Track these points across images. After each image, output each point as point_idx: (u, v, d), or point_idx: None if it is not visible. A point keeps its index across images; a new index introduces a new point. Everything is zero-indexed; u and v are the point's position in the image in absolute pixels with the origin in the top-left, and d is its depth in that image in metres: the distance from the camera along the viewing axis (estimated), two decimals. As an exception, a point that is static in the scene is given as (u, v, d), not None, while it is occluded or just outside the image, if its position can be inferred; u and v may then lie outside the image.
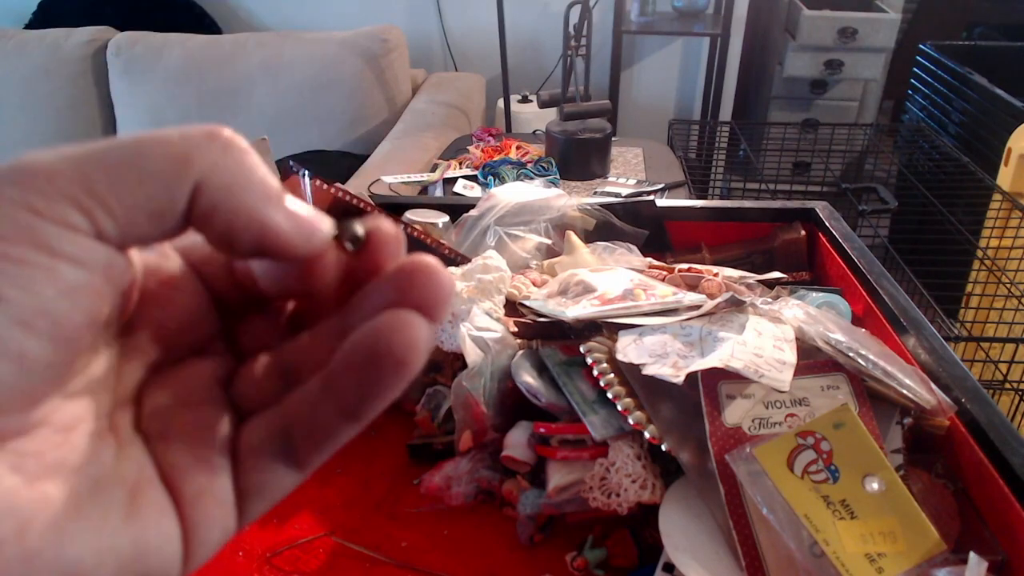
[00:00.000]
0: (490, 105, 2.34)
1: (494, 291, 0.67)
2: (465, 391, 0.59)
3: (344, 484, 0.62)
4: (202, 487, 0.18)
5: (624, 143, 1.62)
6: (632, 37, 2.38)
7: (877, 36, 2.12)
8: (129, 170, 0.16)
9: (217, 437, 0.19)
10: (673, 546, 0.48)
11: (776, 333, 0.55)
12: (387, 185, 1.42)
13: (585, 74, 1.44)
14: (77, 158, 0.16)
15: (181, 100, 2.01)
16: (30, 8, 2.36)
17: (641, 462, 0.53)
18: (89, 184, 0.15)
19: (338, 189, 0.75)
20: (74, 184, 0.15)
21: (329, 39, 2.00)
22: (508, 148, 1.52)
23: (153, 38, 2.04)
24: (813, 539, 0.45)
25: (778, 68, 2.27)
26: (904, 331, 0.64)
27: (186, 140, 0.17)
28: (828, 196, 1.63)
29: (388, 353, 0.17)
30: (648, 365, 0.53)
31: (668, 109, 2.53)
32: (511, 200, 0.82)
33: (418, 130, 1.84)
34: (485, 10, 2.18)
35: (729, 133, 2.04)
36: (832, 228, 0.81)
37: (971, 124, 1.62)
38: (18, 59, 2.05)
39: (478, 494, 0.59)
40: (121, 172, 0.16)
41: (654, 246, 0.83)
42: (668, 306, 0.60)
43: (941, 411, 0.53)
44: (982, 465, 0.51)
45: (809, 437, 0.48)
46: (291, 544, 0.56)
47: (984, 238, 1.35)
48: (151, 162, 0.16)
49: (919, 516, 0.45)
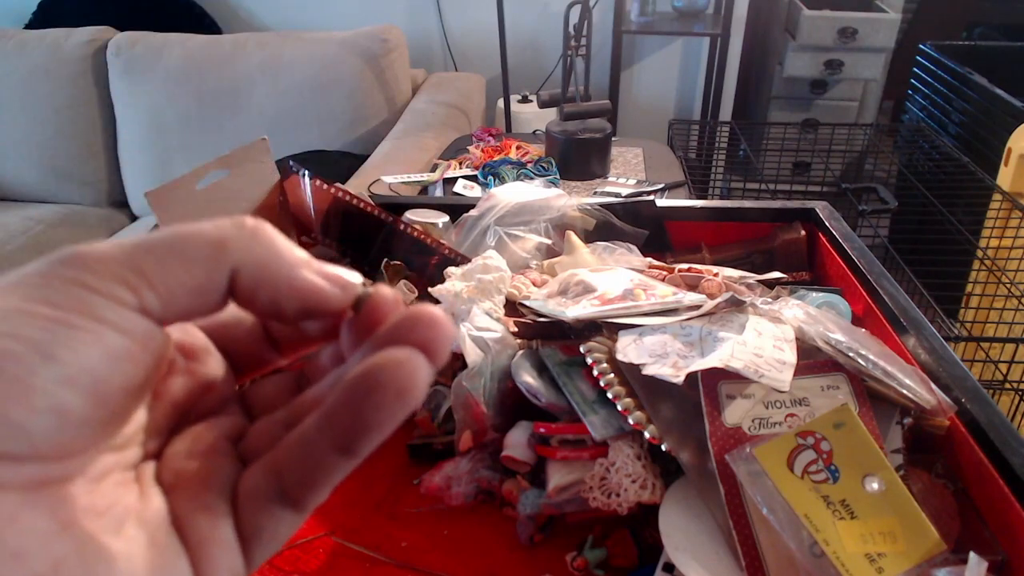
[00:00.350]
0: (490, 105, 2.34)
1: (494, 291, 0.67)
2: (465, 391, 0.59)
3: (344, 484, 0.61)
4: (205, 533, 0.19)
5: (624, 143, 1.62)
6: (632, 37, 2.38)
7: (877, 36, 2.12)
8: (172, 254, 0.18)
9: (218, 485, 0.20)
10: (673, 546, 0.48)
11: (776, 333, 0.55)
12: (387, 185, 1.42)
13: (585, 74, 1.44)
14: (127, 245, 0.18)
15: (181, 100, 2.01)
16: (30, 8, 2.36)
17: (641, 462, 0.53)
18: (136, 265, 0.18)
19: (338, 189, 0.75)
20: (123, 266, 0.18)
21: (329, 39, 2.00)
22: (508, 148, 1.52)
23: (153, 38, 2.04)
24: (813, 539, 0.45)
25: (778, 68, 2.27)
26: (904, 331, 0.64)
27: (220, 229, 0.19)
28: (828, 196, 1.63)
29: (389, 385, 0.18)
30: (648, 365, 0.53)
31: (668, 109, 2.53)
32: (511, 200, 0.82)
33: (418, 130, 1.84)
34: (485, 10, 2.18)
35: (729, 133, 2.04)
36: (832, 228, 0.81)
37: (971, 124, 1.62)
38: (18, 59, 2.05)
39: (478, 494, 0.59)
40: (165, 256, 0.18)
41: (654, 246, 0.83)
42: (668, 306, 0.60)
43: (941, 411, 0.53)
44: (982, 465, 0.51)
45: (809, 437, 0.48)
46: (291, 544, 0.56)
47: (984, 238, 1.35)
48: (191, 248, 0.19)
49: (919, 516, 0.45)
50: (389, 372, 0.18)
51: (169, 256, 0.18)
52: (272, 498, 0.20)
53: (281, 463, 0.20)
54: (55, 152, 2.08)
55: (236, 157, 0.73)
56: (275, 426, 0.22)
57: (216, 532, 0.19)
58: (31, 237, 1.93)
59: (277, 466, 0.20)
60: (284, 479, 0.19)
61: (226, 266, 0.19)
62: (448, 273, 0.70)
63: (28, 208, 2.06)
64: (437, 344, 0.19)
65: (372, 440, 0.18)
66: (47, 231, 1.97)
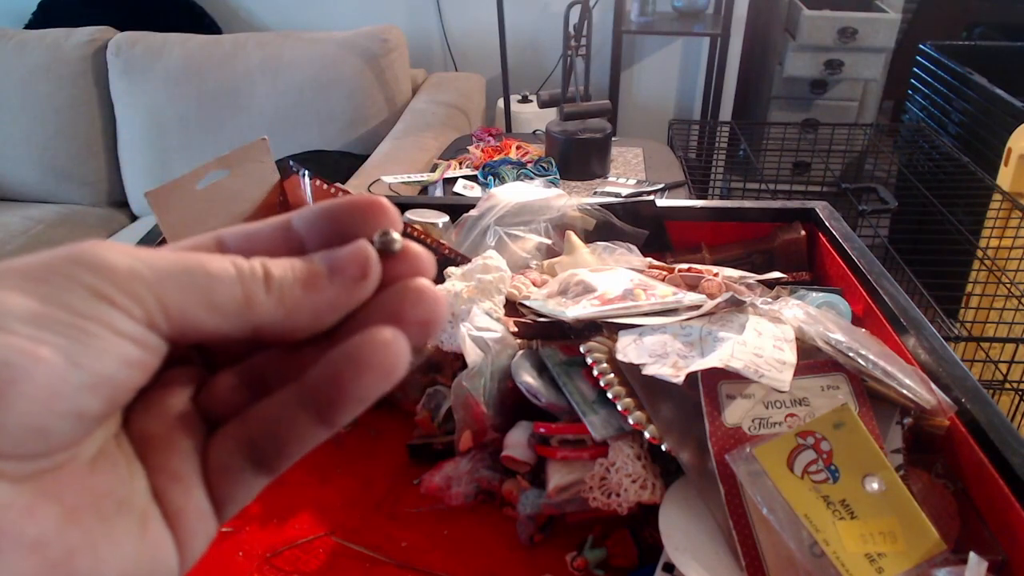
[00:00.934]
0: (490, 105, 2.34)
1: (494, 291, 0.67)
2: (465, 391, 0.59)
3: (344, 484, 0.62)
4: (180, 503, 0.19)
5: (624, 143, 1.62)
6: (632, 37, 2.38)
7: (877, 36, 2.12)
8: (196, 295, 0.19)
9: (186, 452, 0.20)
10: (673, 546, 0.48)
11: (776, 333, 0.55)
12: (387, 185, 1.41)
13: (585, 74, 1.44)
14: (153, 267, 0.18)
15: (181, 100, 2.01)
16: (30, 8, 2.36)
17: (641, 462, 0.53)
18: (158, 293, 0.18)
19: (338, 189, 0.75)
20: (146, 288, 0.18)
21: (329, 39, 2.00)
22: (508, 148, 1.52)
23: (153, 38, 2.04)
24: (813, 539, 0.45)
25: (778, 68, 2.27)
26: (904, 331, 0.64)
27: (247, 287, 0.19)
28: (828, 196, 1.63)
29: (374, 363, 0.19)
30: (648, 365, 0.53)
31: (668, 109, 2.53)
32: (511, 200, 0.82)
33: (418, 130, 1.84)
34: (485, 10, 2.18)
35: (729, 133, 2.04)
36: (832, 228, 0.81)
37: (971, 124, 1.62)
38: (18, 59, 2.05)
39: (478, 494, 0.59)
40: (188, 295, 0.18)
41: (654, 246, 0.83)
42: (668, 306, 0.60)
43: (941, 411, 0.53)
44: (982, 465, 0.51)
45: (809, 437, 0.48)
46: (291, 544, 0.56)
47: (984, 238, 1.35)
48: (218, 296, 0.19)
49: (919, 516, 0.45)
50: (376, 350, 0.19)
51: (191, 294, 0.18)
52: (245, 466, 0.20)
53: (256, 432, 0.20)
54: (55, 152, 2.08)
55: (236, 157, 0.73)
56: (240, 380, 0.21)
57: (191, 502, 0.19)
58: (31, 237, 1.93)
59: (250, 435, 0.20)
60: (258, 448, 0.20)
61: (249, 325, 0.19)
62: (448, 273, 0.70)
63: (28, 208, 2.06)
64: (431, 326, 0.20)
65: (353, 412, 0.19)
66: (47, 231, 1.97)
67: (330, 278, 0.20)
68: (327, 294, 0.20)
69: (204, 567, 0.55)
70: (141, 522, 0.18)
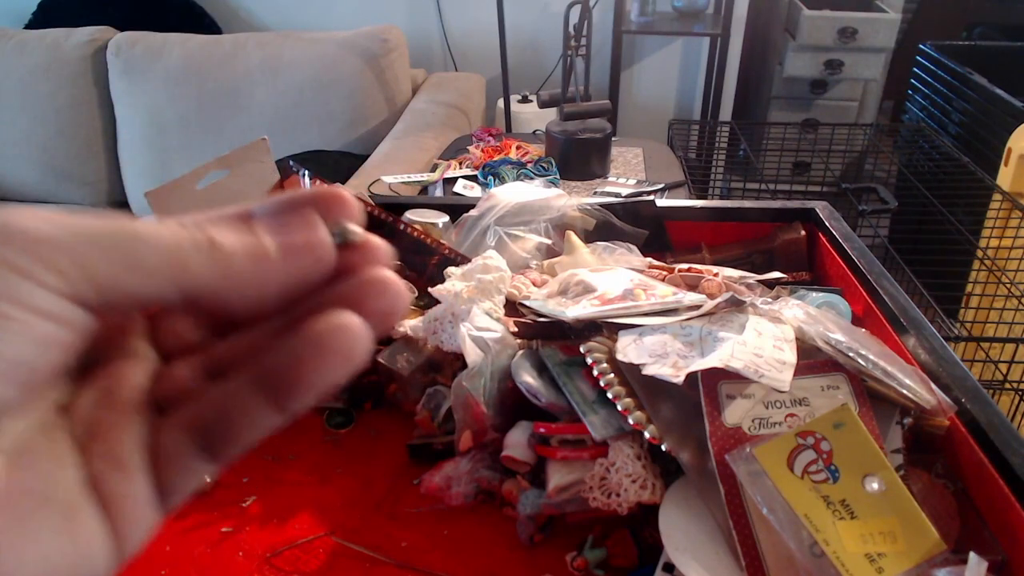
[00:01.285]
0: (490, 105, 2.34)
1: (494, 291, 0.67)
2: (465, 391, 0.59)
3: (344, 484, 0.62)
4: (120, 490, 0.19)
5: (624, 143, 1.62)
6: (632, 37, 2.38)
7: (877, 36, 2.12)
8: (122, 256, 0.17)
9: (131, 440, 0.19)
10: (673, 546, 0.48)
11: (776, 333, 0.55)
12: (387, 185, 1.42)
13: (585, 74, 1.44)
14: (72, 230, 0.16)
15: (181, 100, 2.01)
16: (30, 8, 2.36)
17: (641, 462, 0.53)
18: (79, 258, 0.16)
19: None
20: (63, 254, 0.16)
21: (329, 39, 2.00)
22: (508, 148, 1.52)
23: (153, 38, 2.04)
24: (813, 539, 0.45)
25: (778, 68, 2.27)
26: (904, 331, 0.64)
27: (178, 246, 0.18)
28: (828, 196, 1.63)
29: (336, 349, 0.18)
30: (648, 365, 0.53)
31: (668, 109, 2.53)
32: (511, 200, 0.82)
33: (418, 130, 1.84)
34: (485, 10, 2.18)
35: (729, 133, 2.04)
36: (832, 228, 0.81)
37: (971, 124, 1.62)
38: (18, 59, 2.05)
39: (478, 494, 0.59)
40: (113, 258, 0.17)
41: (654, 246, 0.83)
42: (668, 306, 0.60)
43: (941, 411, 0.53)
44: (982, 465, 0.51)
45: (809, 437, 0.48)
46: (291, 544, 0.56)
47: (984, 238, 1.35)
48: (145, 259, 0.17)
49: (919, 516, 0.45)
50: (336, 334, 0.18)
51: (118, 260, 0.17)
52: (193, 454, 0.19)
53: (207, 419, 0.19)
54: (55, 152, 2.08)
55: (236, 157, 0.73)
56: (195, 371, 0.21)
57: (132, 489, 0.19)
58: (31, 237, 1.93)
59: (201, 422, 0.19)
60: (209, 435, 0.19)
61: (180, 289, 0.18)
62: (448, 273, 0.70)
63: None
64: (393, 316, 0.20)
65: (308, 399, 0.19)
66: (47, 231, 1.97)
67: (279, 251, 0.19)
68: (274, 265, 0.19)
69: (204, 567, 0.55)
70: (67, 516, 0.17)
